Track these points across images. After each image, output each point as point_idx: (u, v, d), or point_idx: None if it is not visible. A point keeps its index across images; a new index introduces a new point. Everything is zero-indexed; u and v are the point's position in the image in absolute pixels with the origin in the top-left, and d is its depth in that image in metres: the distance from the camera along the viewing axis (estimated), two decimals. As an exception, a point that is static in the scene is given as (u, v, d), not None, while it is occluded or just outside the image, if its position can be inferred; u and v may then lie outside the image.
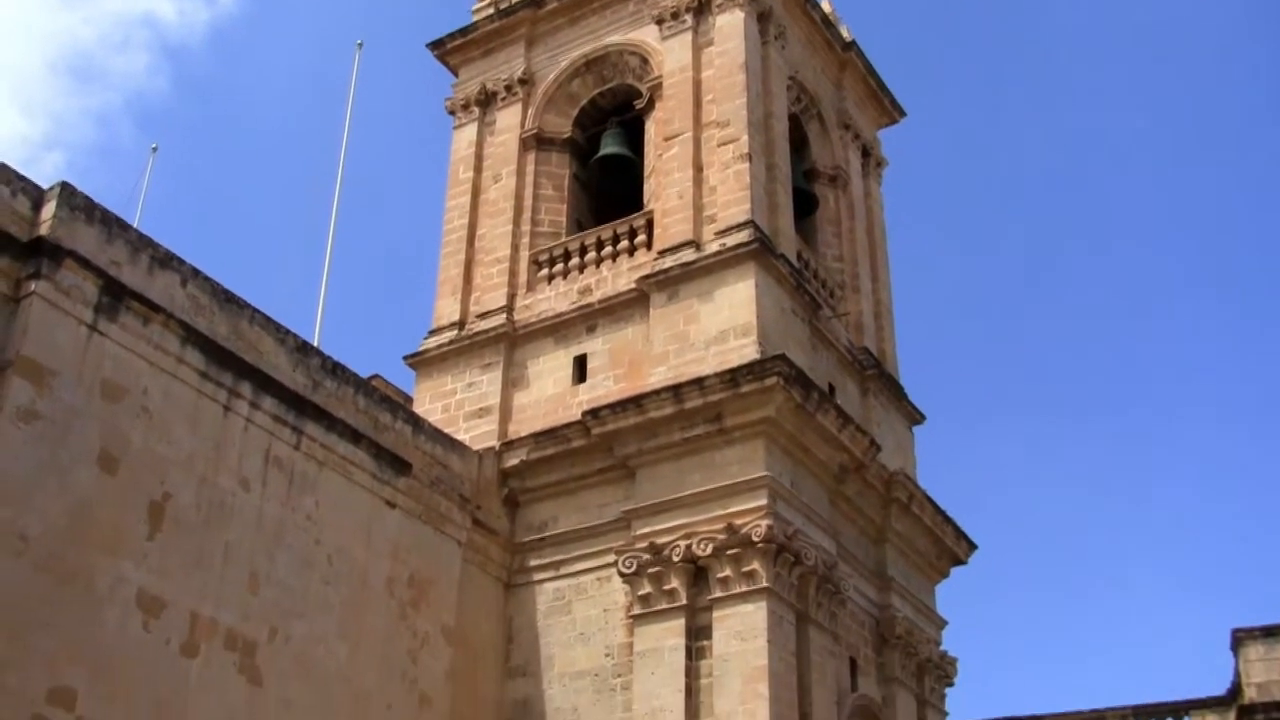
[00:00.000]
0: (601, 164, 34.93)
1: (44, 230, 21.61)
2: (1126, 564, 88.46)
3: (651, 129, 33.66)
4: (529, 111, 35.18)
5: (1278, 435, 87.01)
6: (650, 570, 27.70)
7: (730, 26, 32.77)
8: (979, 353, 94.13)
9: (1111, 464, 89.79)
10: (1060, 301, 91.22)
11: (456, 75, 37.04)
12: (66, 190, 22.09)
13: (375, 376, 31.80)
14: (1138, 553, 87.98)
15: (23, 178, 21.82)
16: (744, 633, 26.77)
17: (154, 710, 21.14)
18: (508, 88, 35.64)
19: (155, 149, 43.13)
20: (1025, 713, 35.59)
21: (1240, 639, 30.51)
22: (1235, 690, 31.78)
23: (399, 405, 28.90)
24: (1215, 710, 34.03)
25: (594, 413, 29.13)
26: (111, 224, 22.78)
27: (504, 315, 32.40)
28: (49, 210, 21.82)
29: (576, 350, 31.49)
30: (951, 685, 34.21)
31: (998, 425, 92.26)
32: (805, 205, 34.86)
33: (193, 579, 22.28)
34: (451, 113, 36.52)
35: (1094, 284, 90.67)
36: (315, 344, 27.21)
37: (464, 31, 36.96)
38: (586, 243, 32.87)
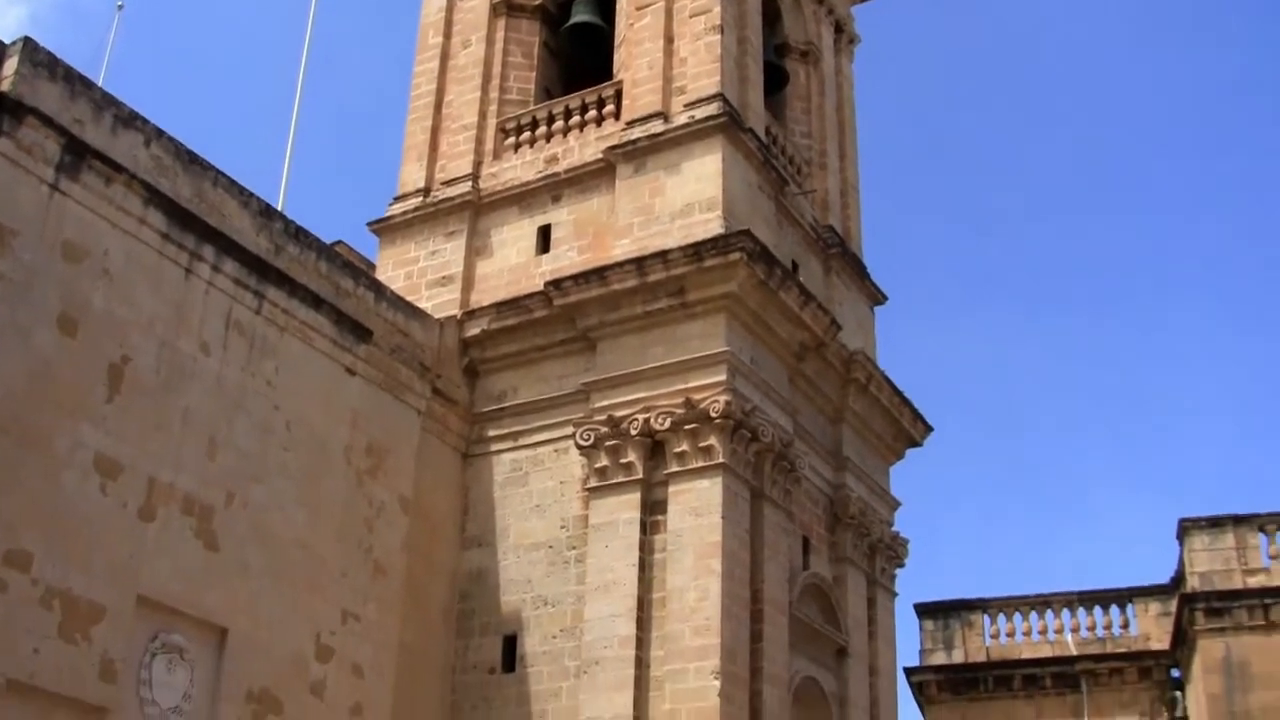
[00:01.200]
0: (572, 32, 34.45)
1: (5, 86, 21.25)
2: (1078, 455, 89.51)
3: (624, -3, 33.26)
4: (500, -24, 34.65)
5: (1229, 333, 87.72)
6: (608, 443, 27.85)
7: (705, -105, 32.23)
8: (945, 237, 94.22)
9: (1069, 356, 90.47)
10: (1028, 189, 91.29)
11: (428, -62, 36.40)
12: (29, 46, 21.70)
13: (339, 243, 31.60)
14: (1089, 444, 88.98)
15: (-16, 33, 21.41)
16: (699, 508, 27.02)
17: (110, 573, 21.22)
18: (479, -50, 35.06)
19: (121, 7, 42.30)
20: (973, 596, 36.09)
21: (1186, 529, 30.96)
22: (1179, 579, 32.31)
23: (361, 272, 28.79)
24: (1158, 598, 34.66)
25: (556, 284, 29.08)
26: (75, 81, 22.42)
27: (469, 183, 32.18)
28: (11, 66, 21.44)
29: (541, 220, 31.36)
30: (902, 566, 34.68)
31: (959, 310, 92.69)
32: (775, 80, 34.57)
33: (151, 443, 22.27)
34: (422, -25, 35.94)
35: (1065, 171, 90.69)
36: (279, 208, 27.03)
37: (437, -106, 36.23)
38: (554, 111, 32.56)
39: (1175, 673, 33.47)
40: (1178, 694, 33.17)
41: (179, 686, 22.07)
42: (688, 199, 29.20)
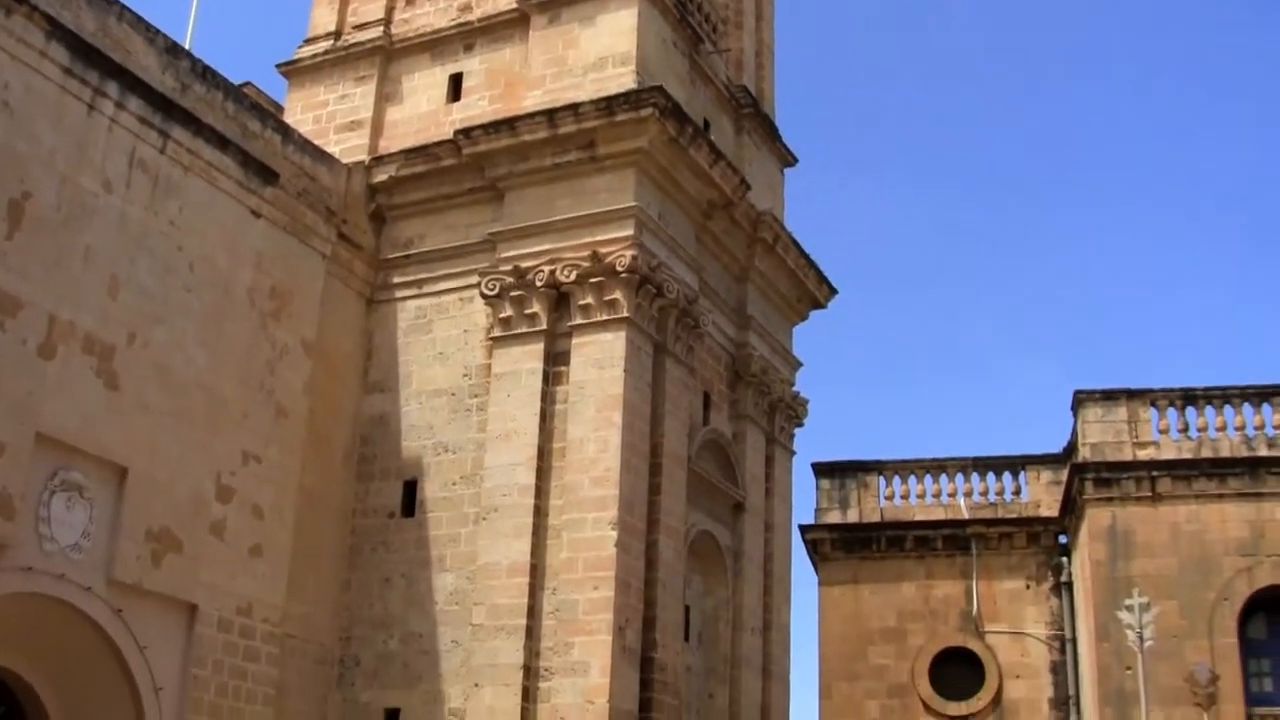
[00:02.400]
0: (488, -125, 33.90)
1: (-100, -86, 20.76)
2: (978, 324, 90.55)
3: None
4: None
5: (1131, 207, 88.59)
6: (513, 293, 27.96)
7: None
8: (857, 101, 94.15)
9: (972, 226, 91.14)
10: (942, 57, 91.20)
11: None
12: None
13: (247, 84, 31.14)
14: (990, 314, 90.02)
15: None
16: (602, 360, 27.25)
17: (9, 410, 21.12)
18: None
19: None
20: (870, 458, 36.59)
21: (1081, 401, 31.52)
22: (1071, 449, 32.92)
23: (269, 114, 28.47)
24: (1050, 466, 35.34)
25: (466, 132, 28.93)
26: (-28, -89, 21.88)
27: (381, 28, 31.82)
28: (-97, -107, 20.92)
29: (453, 68, 31.12)
30: (801, 425, 35.17)
31: (868, 175, 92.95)
32: (694, -65, 34.27)
33: (52, 280, 22.07)
34: None
35: (978, 42, 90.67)
36: (186, 47, 26.59)
37: None
38: (468, -43, 32.15)
39: (1063, 539, 34.27)
40: (1064, 560, 33.99)
41: (78, 524, 22.12)
42: (601, 52, 29.06)
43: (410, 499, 28.44)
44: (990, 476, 36.06)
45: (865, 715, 34.16)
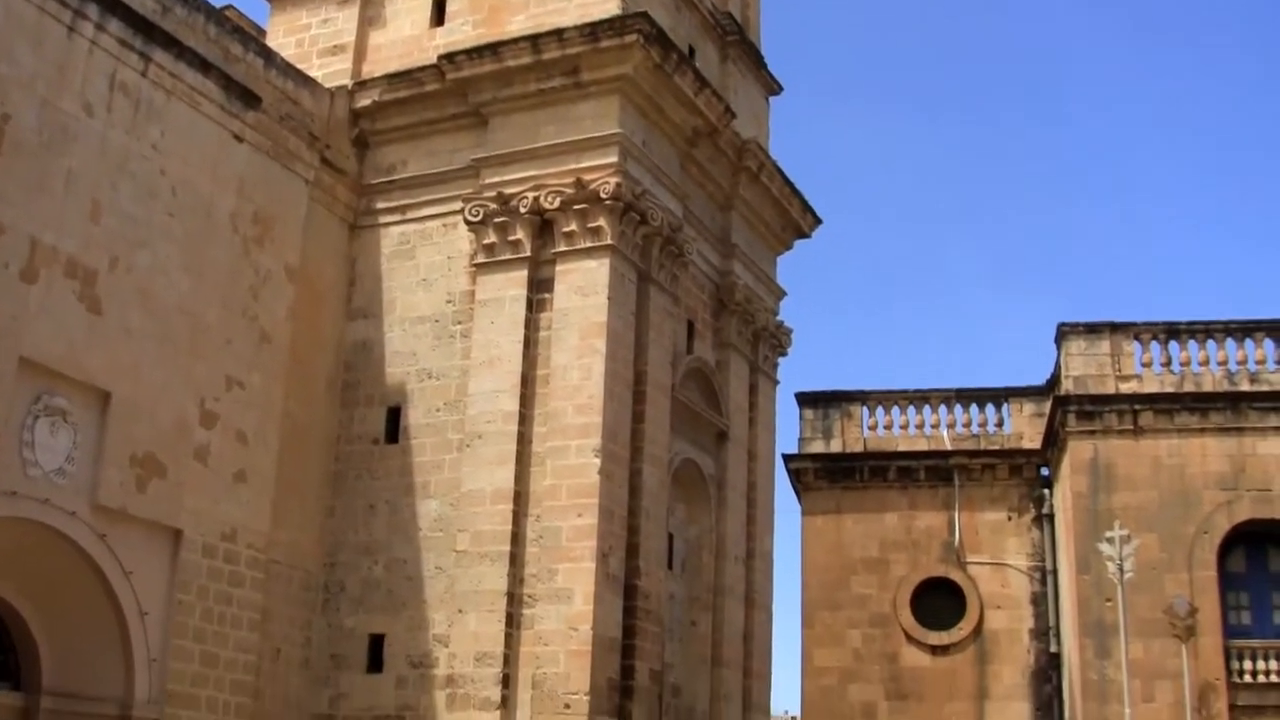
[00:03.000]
0: None
1: None
2: (964, 256, 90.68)
3: None
4: None
5: (1118, 141, 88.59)
6: (496, 220, 27.85)
7: None
8: (843, 30, 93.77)
9: (959, 158, 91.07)
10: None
11: None
12: None
13: (228, 7, 30.75)
14: (976, 246, 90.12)
15: None
16: (585, 288, 27.20)
17: (-9, 333, 21.07)
18: None
19: None
20: (854, 388, 36.65)
21: (1064, 333, 31.53)
22: (1054, 381, 33.00)
23: (251, 37, 28.22)
24: (1033, 399, 35.42)
25: (450, 57, 28.70)
26: None
27: (364, -50, 31.49)
28: None
29: (436, -8, 30.85)
30: (785, 355, 35.17)
31: (854, 105, 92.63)
32: None
33: (33, 204, 21.90)
34: None
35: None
36: (166, -32, 26.28)
37: None
38: (453, -121, 31.76)
39: (1045, 471, 34.38)
40: (1045, 491, 34.12)
41: (62, 449, 22.06)
42: (586, -23, 28.80)
43: (394, 426, 28.43)
44: (973, 408, 36.14)
45: (847, 644, 34.38)
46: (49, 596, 22.82)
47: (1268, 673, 28.60)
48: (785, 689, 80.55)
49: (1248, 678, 28.58)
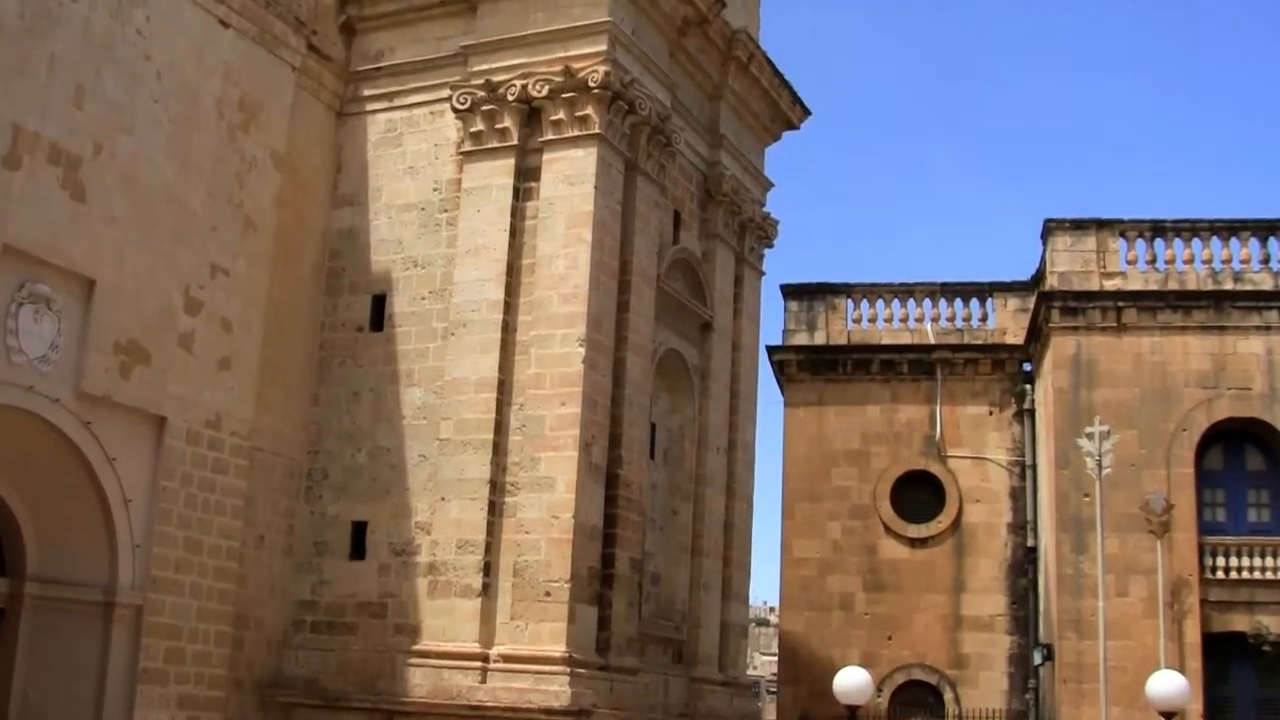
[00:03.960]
0: None
1: None
2: (952, 151, 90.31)
3: None
4: None
5: (1106, 38, 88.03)
6: (484, 108, 27.70)
7: None
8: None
9: (948, 52, 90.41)
10: None
11: None
12: None
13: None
14: (963, 141, 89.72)
15: None
16: (572, 177, 27.14)
17: (-27, 218, 20.95)
18: None
19: None
20: (839, 280, 36.61)
21: (1050, 229, 31.48)
22: (1039, 277, 33.00)
23: (236, -81, 27.79)
24: (1018, 294, 35.45)
25: (438, -59, 28.40)
26: None
27: None
28: None
29: (425, -128, 30.37)
30: (771, 246, 35.15)
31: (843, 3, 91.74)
32: None
33: (15, 90, 21.62)
34: None
35: None
36: None
37: None
38: None
39: (1027, 367, 34.47)
40: (1028, 387, 34.22)
41: (46, 336, 22.03)
42: None
43: (379, 313, 28.47)
44: (958, 302, 36.17)
45: (827, 535, 34.68)
46: (33, 484, 22.94)
47: (1240, 569, 28.95)
48: (765, 579, 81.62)
49: (1220, 574, 28.93)
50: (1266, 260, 30.21)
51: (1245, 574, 28.88)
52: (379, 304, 28.51)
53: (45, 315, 22.00)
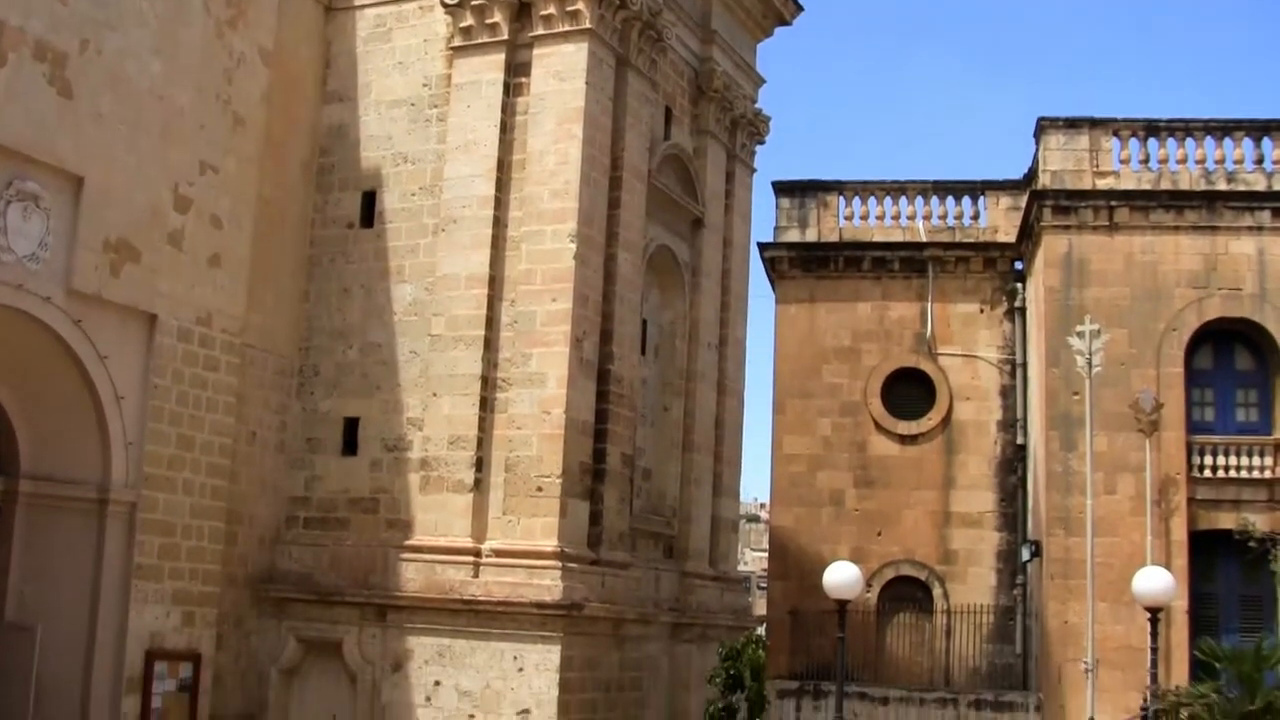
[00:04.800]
0: None
1: None
2: (944, 49, 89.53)
3: None
4: None
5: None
6: (474, 2, 27.55)
7: None
8: None
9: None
10: None
11: None
12: None
13: None
14: (955, 39, 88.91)
15: None
16: (563, 73, 27.00)
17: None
18: None
19: None
20: (831, 178, 36.33)
21: (1043, 127, 31.20)
22: (1031, 175, 32.73)
23: None
24: (1010, 192, 35.15)
25: None
26: None
27: None
28: None
29: None
30: (763, 143, 35.04)
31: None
32: None
33: (-2, -16, 21.44)
34: None
35: None
36: None
37: None
38: None
39: (1018, 265, 34.32)
40: (1019, 285, 34.07)
41: (35, 234, 21.97)
42: None
43: (369, 210, 28.43)
44: (950, 201, 35.87)
45: (817, 432, 34.63)
46: (25, 382, 23.02)
47: (1227, 468, 28.96)
48: (756, 476, 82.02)
49: (1208, 472, 28.95)
50: (1260, 161, 29.97)
51: (1233, 473, 28.90)
52: (369, 200, 28.45)
53: (34, 213, 21.93)
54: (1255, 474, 29.02)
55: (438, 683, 25.59)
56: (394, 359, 27.46)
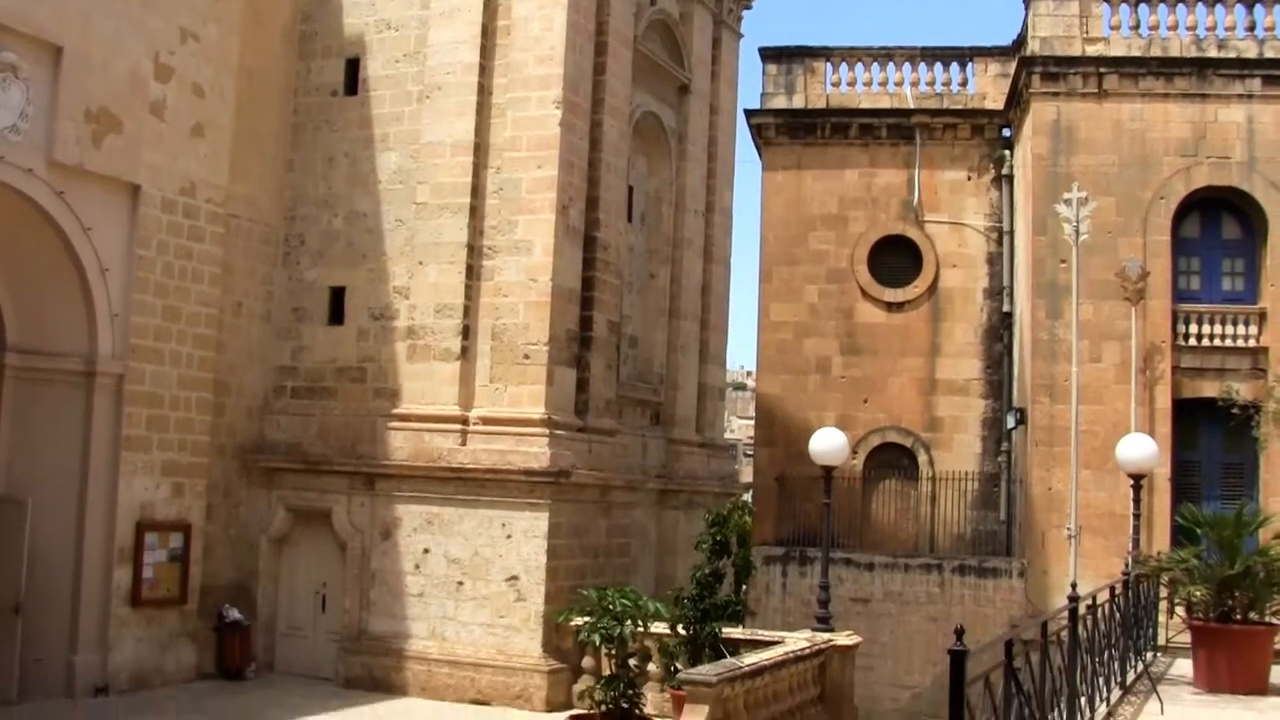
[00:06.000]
0: None
1: None
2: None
3: None
4: None
5: None
6: None
7: None
8: None
9: None
10: None
11: None
12: None
13: None
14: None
15: None
16: (545, -42, 26.61)
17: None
18: None
19: None
20: (817, 44, 36.03)
21: (1034, -8, 31.00)
22: (1020, 41, 32.50)
23: None
24: (999, 59, 34.94)
25: None
26: None
27: None
28: None
29: None
30: (749, 8, 34.69)
31: None
32: None
33: None
34: None
35: None
36: None
37: None
38: None
39: (1006, 132, 34.17)
40: (1006, 152, 33.95)
41: (15, 105, 21.70)
42: None
43: (352, 77, 28.12)
44: (938, 67, 35.66)
45: (803, 299, 34.74)
46: (9, 255, 22.90)
47: (1211, 336, 29.14)
48: (743, 344, 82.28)
49: (1193, 341, 29.14)
50: (1251, 28, 29.79)
51: (1217, 341, 29.09)
52: (352, 68, 28.13)
53: (13, 84, 21.67)
54: (1240, 343, 29.24)
55: (426, 550, 25.80)
56: (379, 228, 27.33)
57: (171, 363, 24.64)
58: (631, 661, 18.98)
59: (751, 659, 19.61)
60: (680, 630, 21.01)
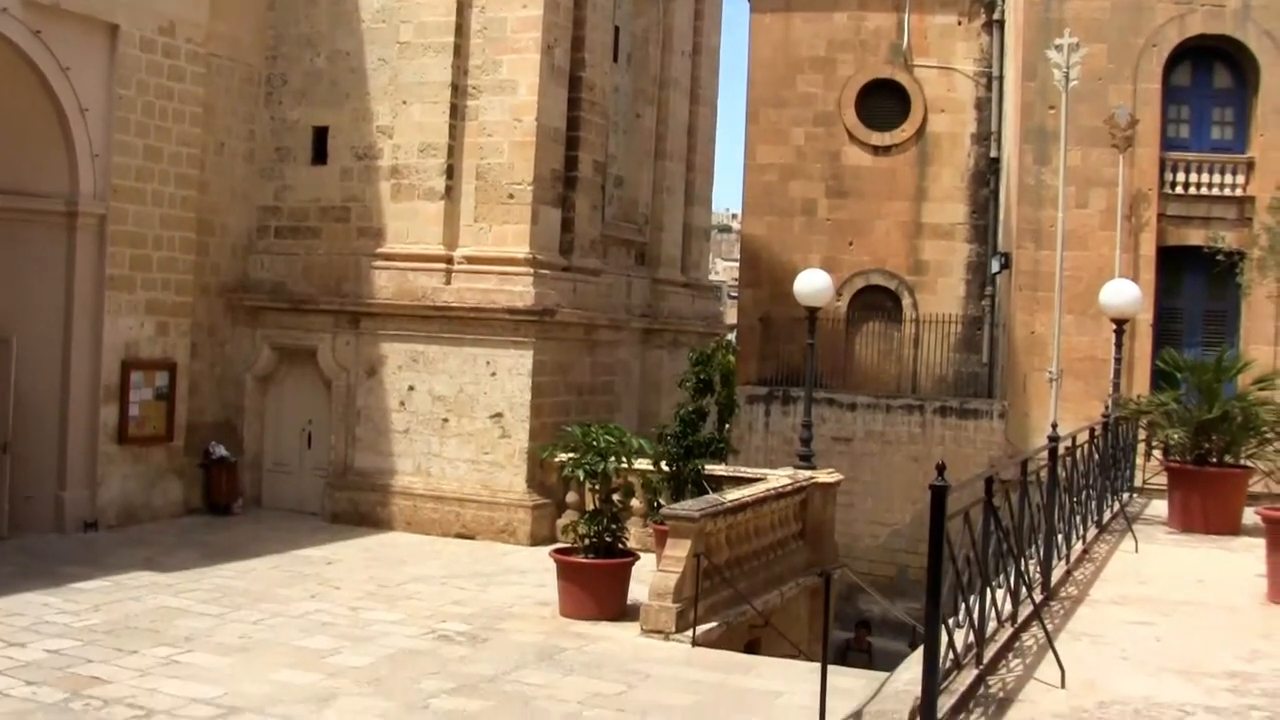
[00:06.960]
0: None
1: None
2: None
3: None
4: None
5: None
6: None
7: None
8: None
9: None
10: None
11: None
12: None
13: None
14: None
15: None
16: None
17: None
18: None
19: None
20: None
21: None
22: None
23: None
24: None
25: None
26: None
27: None
28: None
29: None
30: None
31: None
32: None
33: None
34: None
35: None
36: None
37: None
38: None
39: (998, -31, 33.94)
40: (997, -6, 33.78)
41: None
42: None
43: None
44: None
45: (790, 141, 34.62)
46: (-15, 97, 22.64)
47: (1198, 185, 29.01)
48: (729, 187, 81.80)
49: (1179, 189, 29.02)
50: None
51: (1204, 190, 28.96)
52: None
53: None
54: (1227, 191, 29.15)
55: (411, 388, 25.95)
56: (363, 66, 27.04)
57: (154, 202, 24.47)
58: (615, 497, 19.12)
59: (734, 495, 19.86)
60: (663, 466, 21.19)
